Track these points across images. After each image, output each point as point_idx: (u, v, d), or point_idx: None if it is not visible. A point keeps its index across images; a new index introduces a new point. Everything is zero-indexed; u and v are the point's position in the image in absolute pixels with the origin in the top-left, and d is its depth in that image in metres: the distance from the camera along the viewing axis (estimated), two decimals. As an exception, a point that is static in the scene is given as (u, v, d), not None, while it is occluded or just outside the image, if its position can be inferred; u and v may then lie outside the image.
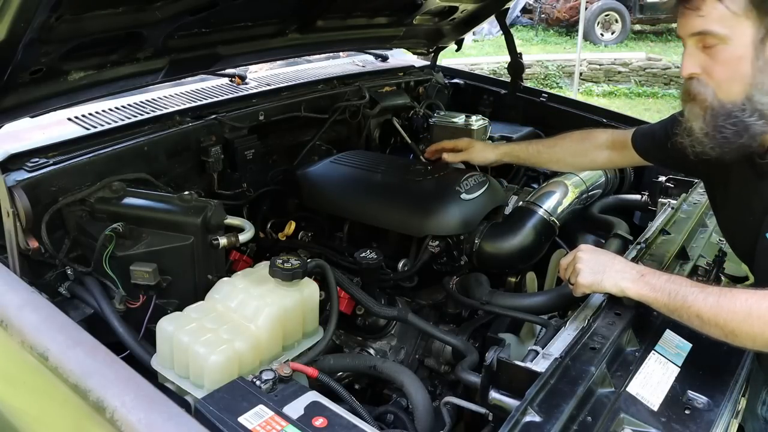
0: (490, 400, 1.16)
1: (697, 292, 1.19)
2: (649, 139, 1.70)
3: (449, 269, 1.81)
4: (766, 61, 1.17)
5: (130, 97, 1.92)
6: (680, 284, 1.22)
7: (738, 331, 1.14)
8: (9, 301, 1.18)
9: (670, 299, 1.21)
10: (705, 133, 1.25)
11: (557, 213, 1.92)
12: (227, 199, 1.85)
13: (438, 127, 2.43)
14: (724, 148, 1.25)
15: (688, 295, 1.19)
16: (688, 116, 1.29)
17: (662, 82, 9.34)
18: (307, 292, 1.38)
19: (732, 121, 1.21)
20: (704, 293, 1.18)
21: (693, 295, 1.19)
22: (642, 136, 1.73)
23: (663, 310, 1.24)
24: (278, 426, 0.99)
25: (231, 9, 1.66)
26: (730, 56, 1.18)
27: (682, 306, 1.19)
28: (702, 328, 1.19)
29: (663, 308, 1.24)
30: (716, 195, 1.50)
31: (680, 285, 1.22)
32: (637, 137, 1.73)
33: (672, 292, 1.21)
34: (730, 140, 1.23)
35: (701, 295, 1.18)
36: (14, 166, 1.45)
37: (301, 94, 2.25)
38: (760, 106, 1.19)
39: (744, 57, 1.17)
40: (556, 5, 11.89)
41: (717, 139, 1.24)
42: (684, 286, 1.21)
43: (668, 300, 1.22)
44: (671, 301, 1.21)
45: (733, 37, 1.17)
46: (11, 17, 1.12)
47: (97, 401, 0.98)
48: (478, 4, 2.53)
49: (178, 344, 1.22)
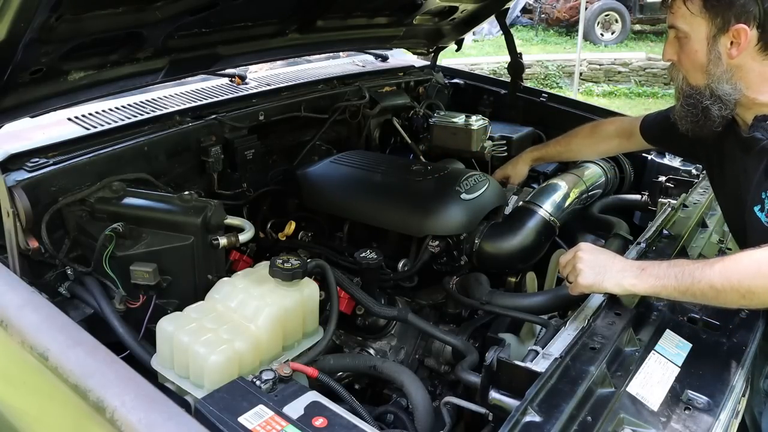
0: (490, 400, 1.16)
1: (702, 265, 1.22)
2: (656, 126, 1.85)
3: (449, 269, 1.81)
4: (717, 56, 1.38)
5: (130, 97, 1.92)
6: (682, 265, 1.24)
7: (754, 287, 1.16)
8: (9, 301, 1.18)
9: (679, 281, 1.22)
10: (678, 112, 1.50)
11: (557, 213, 1.92)
12: (227, 199, 1.85)
13: (438, 127, 2.43)
14: (690, 125, 1.48)
15: (694, 272, 1.21)
16: (674, 96, 1.53)
17: (662, 82, 9.33)
18: (307, 292, 1.38)
19: (692, 102, 1.44)
20: (709, 264, 1.21)
21: (699, 270, 1.21)
22: (649, 123, 1.90)
23: (674, 294, 1.25)
24: (278, 426, 0.99)
25: (231, 9, 1.66)
26: (690, 48, 1.41)
27: (692, 283, 1.21)
28: (717, 298, 1.20)
29: (674, 292, 1.25)
30: (714, 175, 1.64)
31: (683, 265, 1.24)
32: (645, 125, 1.91)
33: (678, 275, 1.23)
34: (691, 119, 1.46)
35: (707, 267, 1.21)
36: (14, 166, 1.45)
37: (301, 94, 2.25)
38: (718, 92, 1.40)
39: (700, 50, 1.39)
40: (556, 5, 11.89)
41: (684, 117, 1.48)
42: (687, 265, 1.24)
43: (677, 283, 1.23)
44: (680, 283, 1.22)
45: (692, 33, 1.39)
46: (11, 17, 1.12)
47: (97, 401, 0.98)
48: (478, 4, 2.53)
49: (178, 344, 1.22)
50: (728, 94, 1.39)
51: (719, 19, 1.35)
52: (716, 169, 1.61)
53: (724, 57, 1.37)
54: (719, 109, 1.41)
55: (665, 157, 2.37)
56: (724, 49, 1.36)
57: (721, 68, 1.38)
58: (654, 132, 1.88)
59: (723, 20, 1.34)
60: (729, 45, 1.36)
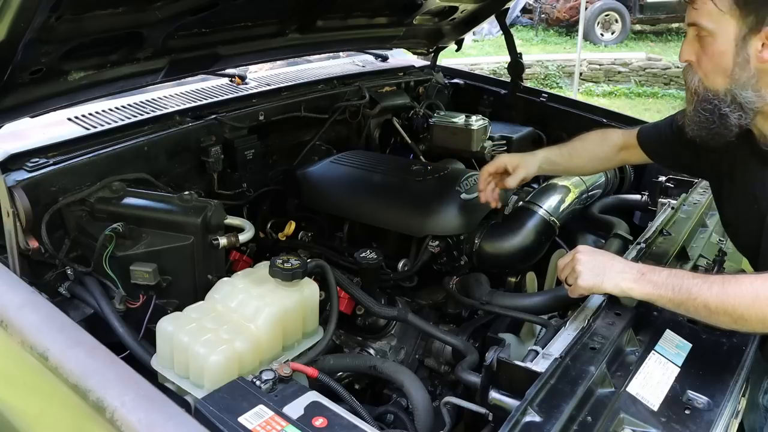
0: (490, 400, 1.16)
1: (701, 282, 1.19)
2: (655, 137, 1.70)
3: (449, 269, 1.81)
4: (745, 59, 1.24)
5: (130, 97, 1.92)
6: (682, 277, 1.22)
7: (747, 315, 1.14)
8: (9, 301, 1.18)
9: (675, 294, 1.21)
10: (690, 117, 1.35)
11: (557, 213, 1.91)
12: (227, 199, 1.85)
13: (438, 127, 2.43)
14: (702, 132, 1.34)
15: (692, 287, 1.19)
16: (686, 100, 1.38)
17: (662, 82, 9.33)
18: (307, 292, 1.38)
19: (710, 108, 1.30)
20: (708, 283, 1.19)
21: (697, 286, 1.19)
22: (647, 133, 1.72)
23: (668, 305, 1.24)
24: (278, 426, 0.99)
25: (231, 9, 1.66)
26: (715, 50, 1.26)
27: (688, 299, 1.19)
28: (710, 318, 1.19)
29: (668, 303, 1.23)
30: (722, 187, 1.52)
31: (683, 278, 1.22)
32: (642, 137, 1.73)
33: (675, 287, 1.21)
34: (705, 125, 1.32)
35: (705, 285, 1.18)
36: (14, 166, 1.45)
37: (301, 94, 2.25)
38: (740, 99, 1.27)
39: (726, 52, 1.25)
40: (556, 5, 11.88)
41: (696, 123, 1.33)
42: (687, 279, 1.21)
43: (673, 295, 1.21)
44: (676, 296, 1.21)
45: (719, 32, 1.24)
46: (11, 17, 1.12)
47: (97, 401, 0.98)
48: (478, 4, 2.53)
49: (178, 344, 1.22)
50: (751, 102, 1.26)
51: (752, 18, 1.20)
52: (726, 183, 1.48)
53: (753, 60, 1.23)
54: (738, 118, 1.28)
55: (665, 158, 2.37)
56: (754, 51, 1.22)
57: (747, 73, 1.25)
58: (652, 145, 1.71)
59: (756, 19, 1.20)
60: (760, 47, 1.22)
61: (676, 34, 11.61)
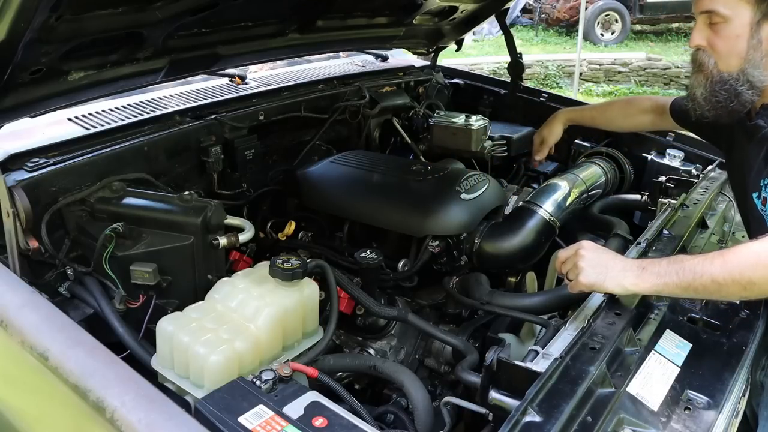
0: (490, 400, 1.16)
1: (702, 260, 1.22)
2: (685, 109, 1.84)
3: (449, 269, 1.81)
4: (759, 41, 1.40)
5: (130, 97, 1.92)
6: (683, 261, 1.25)
7: (755, 278, 1.17)
8: (9, 301, 1.18)
9: (680, 277, 1.22)
10: (705, 98, 1.49)
11: (557, 213, 1.91)
12: (227, 199, 1.85)
13: (438, 127, 2.43)
14: (717, 111, 1.48)
15: (695, 267, 1.21)
16: (693, 84, 1.53)
17: (662, 82, 9.33)
18: (307, 292, 1.38)
19: (725, 88, 1.45)
20: (708, 259, 1.22)
21: (699, 265, 1.21)
22: (679, 105, 1.97)
23: (676, 291, 1.25)
24: (278, 426, 0.99)
25: (231, 9, 1.66)
26: (730, 34, 1.41)
27: (693, 278, 1.21)
28: (720, 291, 1.21)
29: (676, 289, 1.24)
30: (727, 161, 1.71)
31: (683, 261, 1.24)
32: (675, 106, 2.00)
33: (679, 271, 1.23)
34: (722, 104, 1.46)
35: (707, 261, 1.21)
36: (14, 166, 1.45)
37: (301, 94, 2.25)
38: (751, 78, 1.42)
39: (741, 36, 1.40)
40: (556, 5, 11.88)
41: (712, 103, 1.48)
42: (687, 261, 1.24)
43: (678, 279, 1.23)
44: (682, 279, 1.22)
45: (734, 17, 1.39)
46: (11, 17, 1.12)
47: (97, 401, 0.98)
48: (478, 4, 2.53)
49: (178, 344, 1.22)
50: (760, 80, 1.42)
51: (765, 5, 1.37)
52: (727, 158, 1.67)
53: (765, 43, 1.40)
54: (751, 94, 1.44)
55: (665, 158, 2.37)
56: (766, 35, 1.39)
57: (759, 54, 1.41)
58: (682, 115, 1.91)
59: None
60: None
61: (676, 34, 11.62)
